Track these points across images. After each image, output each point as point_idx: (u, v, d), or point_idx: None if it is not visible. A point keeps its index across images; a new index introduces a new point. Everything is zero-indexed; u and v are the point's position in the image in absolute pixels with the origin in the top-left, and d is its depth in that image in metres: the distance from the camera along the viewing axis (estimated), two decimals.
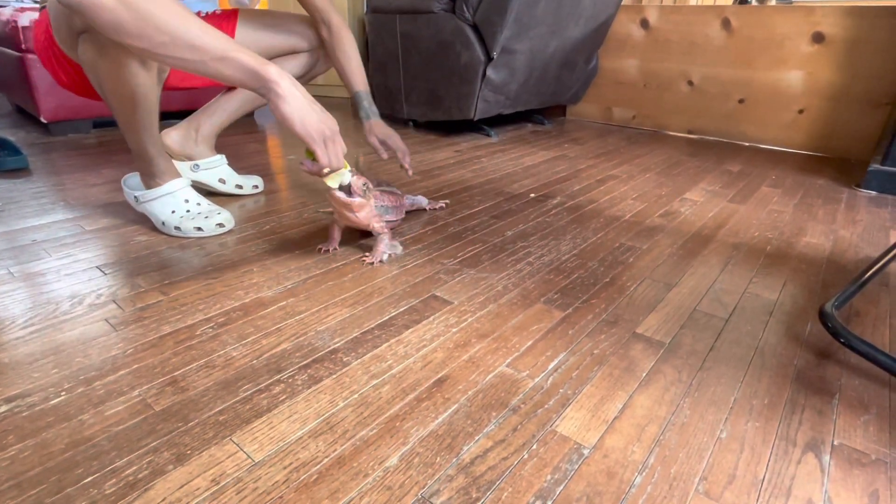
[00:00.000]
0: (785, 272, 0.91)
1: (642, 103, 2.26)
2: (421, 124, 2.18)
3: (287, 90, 0.72)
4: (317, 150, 0.76)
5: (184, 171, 1.17)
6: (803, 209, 1.26)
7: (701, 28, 2.02)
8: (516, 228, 1.07)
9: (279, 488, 0.45)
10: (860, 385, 0.62)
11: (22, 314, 0.70)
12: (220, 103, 1.18)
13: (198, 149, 1.17)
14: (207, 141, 1.19)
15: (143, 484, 0.45)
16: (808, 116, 1.90)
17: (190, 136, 1.17)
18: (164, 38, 0.64)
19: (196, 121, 1.17)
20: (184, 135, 1.16)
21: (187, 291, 0.78)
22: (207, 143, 1.19)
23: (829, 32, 1.78)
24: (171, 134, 1.15)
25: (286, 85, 0.72)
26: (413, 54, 1.89)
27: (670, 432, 0.53)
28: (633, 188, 1.38)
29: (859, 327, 0.75)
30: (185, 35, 0.65)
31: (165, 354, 0.63)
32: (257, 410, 0.54)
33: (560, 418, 0.54)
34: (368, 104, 1.14)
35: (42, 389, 0.56)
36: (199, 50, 0.66)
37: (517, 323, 0.72)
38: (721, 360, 0.65)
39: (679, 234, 1.07)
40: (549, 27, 1.79)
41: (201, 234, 0.98)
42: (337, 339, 0.67)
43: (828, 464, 0.50)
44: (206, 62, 0.68)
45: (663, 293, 0.82)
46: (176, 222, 0.97)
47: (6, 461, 0.47)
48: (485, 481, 0.46)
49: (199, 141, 1.17)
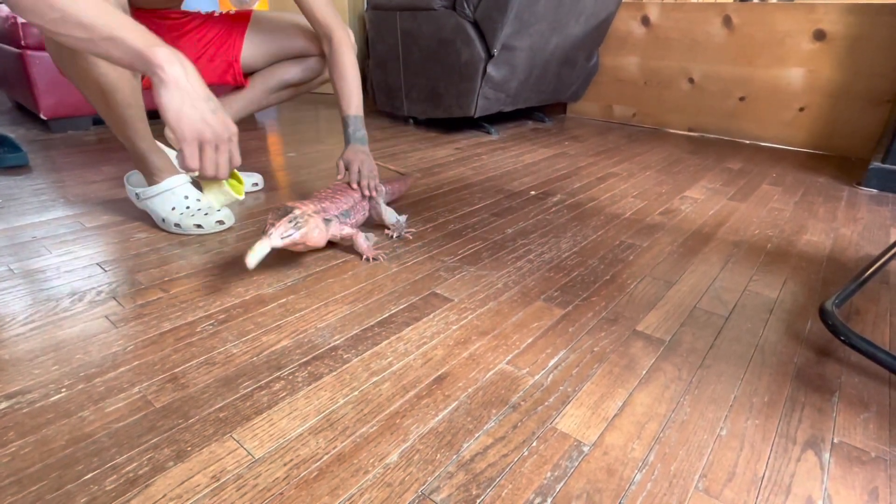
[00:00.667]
0: (785, 270, 0.91)
1: (643, 101, 2.26)
2: (421, 122, 2.17)
3: (173, 77, 0.65)
4: (184, 150, 0.68)
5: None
6: (804, 207, 1.26)
7: (702, 25, 2.02)
8: (516, 226, 1.07)
9: (279, 485, 0.45)
10: (860, 383, 0.62)
11: (22, 311, 0.70)
12: (224, 103, 1.17)
13: None
14: None
15: (143, 480, 0.45)
16: (809, 114, 1.90)
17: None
18: (55, 14, 0.61)
19: None
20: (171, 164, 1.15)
21: (188, 288, 0.78)
22: None
23: (830, 30, 1.78)
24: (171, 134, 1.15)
25: (174, 72, 0.65)
26: (413, 51, 1.88)
27: (670, 430, 0.53)
28: (633, 186, 1.38)
29: (859, 325, 0.75)
30: (76, 11, 0.61)
31: (166, 351, 0.63)
32: (257, 407, 0.54)
33: (560, 415, 0.54)
34: (354, 130, 1.04)
35: (42, 386, 0.56)
36: (87, 28, 0.62)
37: (517, 320, 0.72)
38: (721, 357, 0.65)
39: (679, 231, 1.07)
40: (549, 24, 1.79)
41: (201, 232, 0.97)
42: (337, 337, 0.67)
43: (828, 461, 0.50)
44: (94, 41, 0.63)
45: (663, 291, 0.82)
46: (176, 219, 0.97)
47: (7, 457, 0.47)
48: (485, 478, 0.46)
49: None
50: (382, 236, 0.99)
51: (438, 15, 1.75)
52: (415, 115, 2.04)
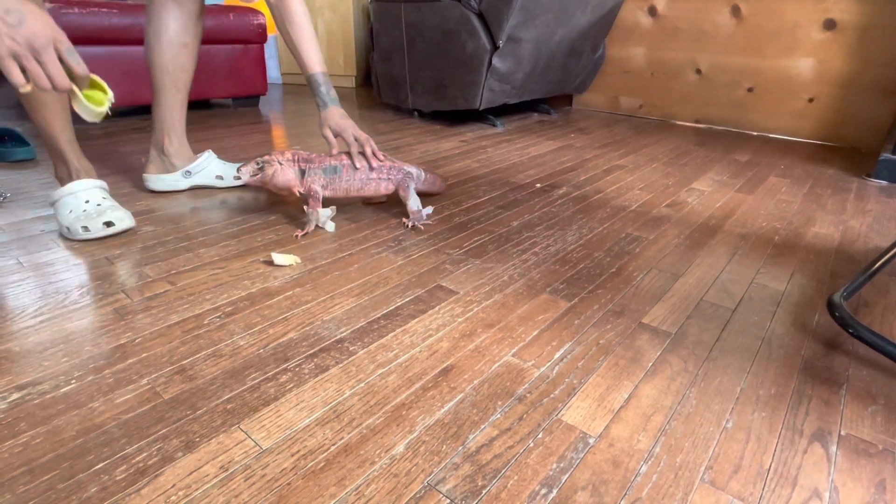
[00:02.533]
0: (793, 262, 0.90)
1: (649, 92, 2.24)
2: (426, 114, 2.17)
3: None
4: (1, 67, 0.62)
5: (178, 182, 1.15)
6: (812, 199, 1.24)
7: (710, 15, 2.00)
8: (522, 219, 1.06)
9: (287, 475, 0.45)
10: (868, 375, 0.61)
11: (32, 303, 0.71)
12: (163, 113, 1.11)
13: (179, 162, 1.14)
14: (182, 151, 1.14)
15: (153, 470, 0.45)
16: (819, 105, 1.87)
17: (164, 160, 1.13)
18: None
19: (159, 142, 1.12)
20: (158, 164, 1.14)
21: (195, 281, 0.78)
22: (183, 152, 1.15)
23: (841, 19, 1.75)
24: (150, 167, 1.13)
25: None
26: (418, 43, 1.87)
27: (676, 422, 0.53)
28: (639, 178, 1.37)
29: (868, 318, 0.74)
30: None
31: (173, 343, 0.63)
32: (265, 399, 0.54)
33: (566, 407, 0.54)
34: (326, 89, 0.99)
35: (53, 377, 0.57)
36: None
37: (523, 313, 0.72)
38: (728, 350, 0.65)
39: (686, 224, 1.06)
40: (555, 15, 1.77)
41: (88, 235, 0.89)
42: (343, 329, 0.67)
43: (834, 454, 0.50)
44: None
45: (670, 283, 0.81)
46: (68, 223, 0.89)
47: (19, 447, 0.47)
48: (490, 469, 0.46)
49: (174, 157, 1.13)
50: (397, 222, 0.99)
51: (443, 6, 1.74)
52: (420, 108, 2.03)
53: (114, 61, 1.80)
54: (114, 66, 1.80)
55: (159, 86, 1.09)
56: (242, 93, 2.20)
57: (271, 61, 3.13)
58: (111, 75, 1.80)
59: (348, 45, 2.84)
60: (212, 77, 2.07)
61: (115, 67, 1.80)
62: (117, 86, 1.83)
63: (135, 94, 1.88)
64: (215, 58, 2.06)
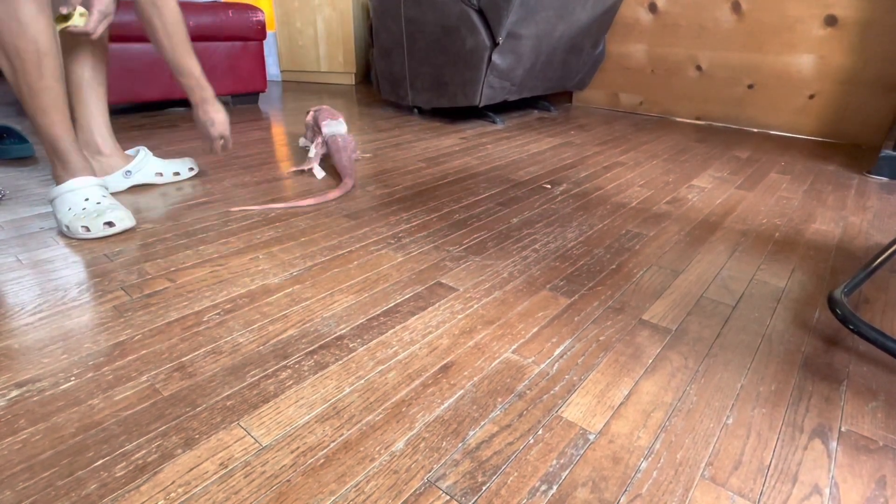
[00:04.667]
0: (793, 259, 0.90)
1: (650, 89, 2.24)
2: (426, 111, 2.16)
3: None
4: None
5: (119, 183, 1.12)
6: (813, 196, 1.24)
7: (710, 12, 1.99)
8: (522, 215, 1.06)
9: (287, 472, 0.45)
10: (868, 372, 0.61)
11: (31, 300, 0.71)
12: (81, 112, 1.07)
13: (112, 160, 1.11)
14: (113, 150, 1.12)
15: (152, 467, 0.45)
16: (820, 101, 1.87)
17: (97, 161, 1.09)
18: None
19: (84, 145, 1.08)
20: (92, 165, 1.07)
21: (194, 278, 0.78)
22: (115, 151, 1.12)
23: (842, 15, 1.75)
24: None
25: None
26: (418, 40, 1.87)
27: (676, 418, 0.53)
28: (639, 175, 1.37)
29: (868, 314, 0.74)
30: None
31: (173, 340, 0.63)
32: (264, 396, 0.54)
33: (566, 404, 0.54)
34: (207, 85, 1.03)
35: (52, 375, 0.56)
36: None
37: (523, 310, 0.72)
38: (728, 346, 0.65)
39: (686, 220, 1.06)
40: (555, 11, 1.76)
41: (88, 235, 0.89)
42: (343, 326, 0.67)
43: (835, 450, 0.50)
44: None
45: (670, 280, 0.81)
46: (67, 221, 0.89)
47: (18, 444, 0.47)
48: (490, 466, 0.46)
49: (106, 155, 1.10)
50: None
51: (443, 2, 1.73)
52: (419, 105, 2.03)
53: (113, 59, 1.79)
54: (112, 64, 1.80)
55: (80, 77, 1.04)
56: (242, 90, 2.19)
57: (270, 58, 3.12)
58: (111, 73, 1.80)
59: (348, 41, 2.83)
60: (211, 74, 2.07)
61: (113, 65, 1.80)
62: (117, 83, 1.83)
63: (134, 91, 1.88)
64: (214, 55, 2.05)
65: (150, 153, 1.19)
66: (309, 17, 2.87)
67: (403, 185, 1.24)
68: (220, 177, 1.26)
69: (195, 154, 1.46)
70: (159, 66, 1.91)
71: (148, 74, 1.89)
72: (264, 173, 1.30)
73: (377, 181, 1.26)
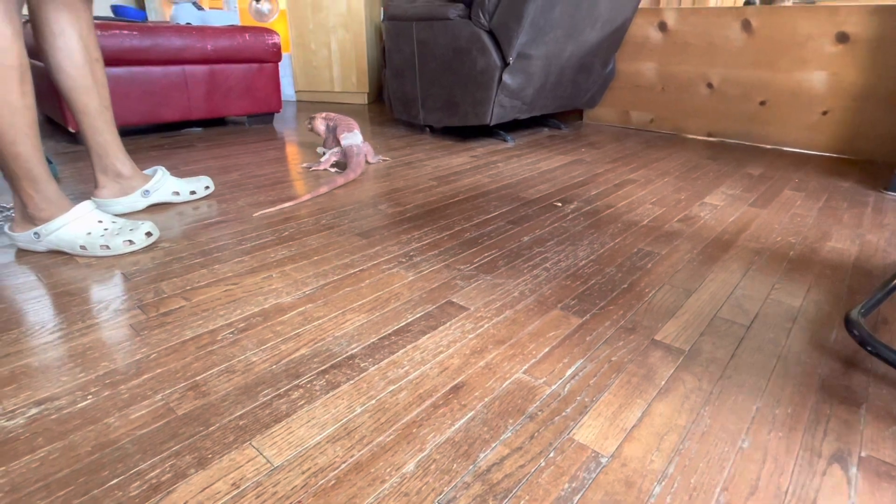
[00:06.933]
0: (809, 278, 0.89)
1: (660, 106, 2.24)
2: (438, 130, 2.19)
3: None
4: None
5: (137, 202, 1.15)
6: (828, 213, 1.23)
7: (720, 30, 2.00)
8: (533, 234, 1.06)
9: (298, 493, 0.45)
10: (888, 395, 0.60)
11: (50, 319, 0.72)
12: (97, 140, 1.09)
13: (133, 181, 1.15)
14: (133, 172, 1.15)
15: (165, 487, 0.46)
16: (833, 118, 1.86)
17: (117, 183, 1.13)
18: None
19: (103, 170, 1.12)
20: (112, 187, 1.13)
21: (209, 297, 0.79)
22: (134, 173, 1.15)
23: (853, 32, 1.74)
24: (103, 192, 1.12)
25: None
26: (429, 61, 1.90)
27: (690, 441, 0.52)
28: (651, 192, 1.37)
29: (887, 335, 0.73)
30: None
31: (187, 359, 0.64)
32: (276, 415, 0.55)
33: (578, 426, 0.54)
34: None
35: (69, 393, 0.57)
36: None
37: (534, 329, 0.71)
38: (742, 367, 0.64)
39: (699, 238, 1.05)
40: (565, 31, 1.79)
41: (107, 253, 0.92)
42: (354, 345, 0.67)
43: (855, 476, 0.49)
44: None
45: (683, 299, 0.80)
46: (83, 241, 0.91)
47: (36, 463, 0.48)
48: (501, 489, 0.46)
49: (126, 178, 1.14)
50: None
51: (454, 24, 1.77)
52: (431, 124, 2.05)
53: (133, 82, 1.85)
54: (133, 87, 1.85)
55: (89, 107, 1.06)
56: (257, 110, 2.24)
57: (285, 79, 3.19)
58: (131, 95, 1.85)
59: (361, 62, 2.89)
60: (227, 95, 2.12)
61: (134, 88, 1.85)
62: (136, 105, 1.88)
63: (154, 112, 1.92)
64: (231, 76, 2.11)
65: (168, 172, 1.22)
66: (323, 39, 2.94)
67: (415, 203, 1.25)
68: (235, 196, 1.29)
69: (211, 173, 1.49)
70: (177, 88, 1.96)
71: (166, 96, 1.94)
72: (278, 192, 1.32)
73: (389, 199, 1.28)
